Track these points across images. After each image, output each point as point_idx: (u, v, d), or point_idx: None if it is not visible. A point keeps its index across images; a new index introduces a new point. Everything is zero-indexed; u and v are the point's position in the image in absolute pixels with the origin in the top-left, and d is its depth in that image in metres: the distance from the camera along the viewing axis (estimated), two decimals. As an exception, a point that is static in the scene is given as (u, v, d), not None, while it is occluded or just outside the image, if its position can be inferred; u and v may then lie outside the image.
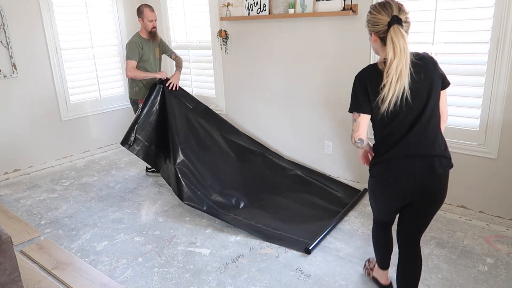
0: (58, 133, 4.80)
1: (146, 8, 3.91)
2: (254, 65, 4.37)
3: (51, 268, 2.80)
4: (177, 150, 3.69)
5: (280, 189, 3.83)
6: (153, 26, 3.96)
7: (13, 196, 4.02)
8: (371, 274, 2.58)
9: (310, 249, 2.89)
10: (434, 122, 1.94)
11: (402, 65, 1.76)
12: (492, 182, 3.11)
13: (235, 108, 4.72)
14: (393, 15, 1.79)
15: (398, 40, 1.75)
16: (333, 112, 3.86)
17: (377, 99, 1.86)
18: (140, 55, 3.96)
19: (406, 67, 1.77)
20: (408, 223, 2.12)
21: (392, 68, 1.77)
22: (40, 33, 4.46)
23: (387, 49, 1.79)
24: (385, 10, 1.82)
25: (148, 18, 3.91)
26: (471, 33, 3.00)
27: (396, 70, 1.76)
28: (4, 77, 4.25)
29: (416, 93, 1.85)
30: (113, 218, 3.52)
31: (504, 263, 2.70)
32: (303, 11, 3.69)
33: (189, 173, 3.61)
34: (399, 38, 1.75)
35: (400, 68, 1.76)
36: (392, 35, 1.76)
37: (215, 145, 4.04)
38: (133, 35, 4.06)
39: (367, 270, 2.63)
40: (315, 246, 2.95)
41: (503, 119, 2.94)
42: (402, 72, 1.76)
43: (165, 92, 3.96)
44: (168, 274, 2.72)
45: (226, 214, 3.40)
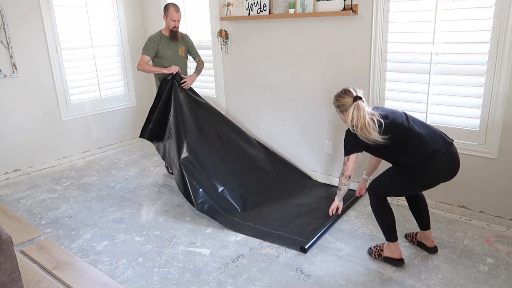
0: (58, 133, 4.80)
1: (172, 7, 3.96)
2: (254, 65, 4.37)
3: (51, 268, 2.81)
4: (182, 145, 3.72)
5: (282, 191, 3.84)
6: (174, 26, 4.01)
7: (14, 196, 4.03)
8: (382, 255, 2.74)
9: (306, 248, 2.90)
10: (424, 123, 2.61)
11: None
12: (493, 182, 3.10)
13: (235, 108, 4.72)
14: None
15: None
16: (333, 112, 3.86)
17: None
18: (155, 51, 4.03)
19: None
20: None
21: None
22: (40, 33, 4.46)
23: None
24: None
25: (172, 17, 3.96)
26: (472, 33, 2.99)
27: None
28: (4, 77, 4.25)
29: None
30: (113, 218, 3.52)
31: (504, 263, 2.70)
32: (304, 11, 3.69)
33: (193, 169, 3.62)
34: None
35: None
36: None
37: (222, 145, 4.05)
38: (157, 32, 4.12)
39: (376, 254, 2.78)
40: (311, 245, 2.96)
41: (503, 119, 2.94)
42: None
43: (175, 86, 4.03)
44: (169, 274, 2.72)
45: (226, 216, 3.41)
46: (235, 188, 3.69)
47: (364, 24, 3.45)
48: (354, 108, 2.48)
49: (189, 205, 3.65)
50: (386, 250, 2.72)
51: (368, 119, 2.44)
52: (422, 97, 3.27)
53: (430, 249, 2.82)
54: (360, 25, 3.47)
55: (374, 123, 2.45)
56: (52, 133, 4.75)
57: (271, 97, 4.32)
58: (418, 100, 3.30)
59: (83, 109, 4.98)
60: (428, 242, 2.82)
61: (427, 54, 3.17)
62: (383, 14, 3.30)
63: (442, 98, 3.21)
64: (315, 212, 3.43)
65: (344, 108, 2.57)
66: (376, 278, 2.60)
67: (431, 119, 3.27)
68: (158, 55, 4.08)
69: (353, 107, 2.49)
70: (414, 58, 3.27)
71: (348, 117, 2.51)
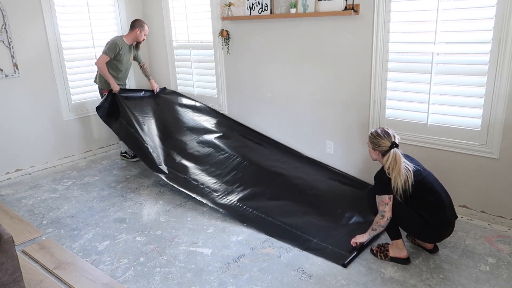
0: (59, 133, 4.81)
1: (145, 24, 4.55)
2: (255, 65, 4.37)
3: (52, 267, 2.81)
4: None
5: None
6: (144, 39, 4.63)
7: (15, 196, 4.03)
8: (388, 255, 2.74)
9: (346, 263, 2.74)
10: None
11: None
12: (494, 182, 3.10)
13: (236, 108, 4.72)
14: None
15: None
16: (334, 112, 3.86)
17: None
18: (115, 55, 4.44)
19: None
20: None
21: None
22: (42, 33, 4.47)
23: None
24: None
25: (146, 33, 4.58)
26: (473, 33, 2.99)
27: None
28: (5, 76, 4.26)
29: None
30: (115, 218, 3.52)
31: (505, 263, 2.70)
32: (305, 11, 3.68)
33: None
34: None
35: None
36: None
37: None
38: (117, 37, 4.50)
39: (382, 255, 2.77)
40: (352, 260, 2.79)
41: (505, 119, 2.94)
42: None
43: (117, 98, 4.50)
44: (170, 274, 2.72)
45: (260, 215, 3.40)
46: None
47: (365, 23, 3.44)
48: (393, 156, 2.56)
49: (190, 205, 3.66)
50: (392, 250, 2.73)
51: (403, 171, 2.54)
52: (424, 97, 3.26)
53: (430, 250, 2.84)
54: (361, 24, 3.47)
55: (408, 173, 2.55)
56: (54, 133, 4.76)
57: (272, 96, 4.32)
58: (419, 100, 3.30)
59: (84, 109, 4.98)
60: (427, 245, 2.84)
61: (428, 54, 3.17)
62: (385, 14, 3.30)
63: (444, 98, 3.20)
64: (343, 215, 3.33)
65: (379, 149, 2.67)
66: (378, 278, 2.60)
67: (432, 119, 3.27)
68: (116, 59, 4.47)
69: (391, 155, 2.57)
70: (415, 58, 3.26)
71: (386, 163, 2.60)
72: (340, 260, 2.76)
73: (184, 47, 5.06)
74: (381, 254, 2.77)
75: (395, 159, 2.56)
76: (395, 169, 2.55)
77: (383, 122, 3.54)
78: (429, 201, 2.59)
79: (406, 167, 2.57)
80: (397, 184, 2.54)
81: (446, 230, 2.64)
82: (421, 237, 2.71)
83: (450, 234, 2.70)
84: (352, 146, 3.82)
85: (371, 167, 3.73)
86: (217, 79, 4.79)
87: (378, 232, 2.74)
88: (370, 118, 3.60)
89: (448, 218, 2.61)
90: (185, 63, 5.13)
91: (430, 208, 2.59)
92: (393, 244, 2.73)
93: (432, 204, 2.59)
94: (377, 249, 2.81)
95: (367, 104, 3.61)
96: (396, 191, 2.56)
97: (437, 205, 2.59)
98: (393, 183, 2.55)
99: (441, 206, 2.59)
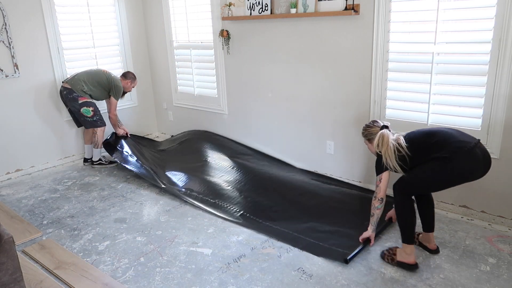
0: (60, 133, 4.81)
1: (135, 78, 4.83)
2: (256, 65, 4.37)
3: (53, 268, 2.81)
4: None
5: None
6: (130, 91, 4.90)
7: (15, 196, 4.03)
8: (395, 259, 2.69)
9: (348, 259, 2.74)
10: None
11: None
12: (494, 182, 3.10)
13: (236, 108, 4.72)
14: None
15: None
16: (335, 112, 3.86)
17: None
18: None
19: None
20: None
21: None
22: (42, 33, 4.47)
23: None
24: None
25: (134, 86, 4.87)
26: (473, 33, 2.99)
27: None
28: (6, 77, 4.26)
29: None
30: (115, 218, 3.52)
31: (506, 263, 2.70)
32: (305, 11, 3.68)
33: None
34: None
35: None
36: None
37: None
38: (119, 81, 4.65)
39: (389, 258, 2.74)
40: (354, 256, 2.80)
41: (505, 118, 2.94)
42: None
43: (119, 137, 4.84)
44: (170, 274, 2.72)
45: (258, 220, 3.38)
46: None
47: (365, 23, 3.44)
48: (380, 135, 2.64)
49: (190, 205, 3.66)
50: (400, 255, 2.67)
51: (391, 145, 2.58)
52: (424, 97, 3.26)
53: (432, 251, 2.83)
54: (361, 24, 3.47)
55: (399, 146, 2.57)
56: (54, 133, 4.76)
57: (272, 96, 4.32)
58: (419, 100, 3.30)
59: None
60: (431, 245, 2.83)
61: (428, 54, 3.17)
62: (385, 14, 3.30)
63: (444, 98, 3.20)
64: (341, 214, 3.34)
65: (372, 137, 2.74)
66: (378, 278, 2.60)
67: (432, 119, 3.27)
68: (107, 94, 4.68)
69: (379, 134, 2.65)
70: (415, 58, 3.26)
71: (374, 144, 2.67)
72: (342, 257, 2.76)
73: (185, 47, 5.06)
74: (388, 258, 2.74)
75: (381, 136, 2.63)
76: (383, 146, 2.60)
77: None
78: (434, 142, 2.50)
79: (396, 138, 2.62)
80: (389, 157, 2.57)
81: (472, 156, 2.41)
82: (448, 181, 2.54)
83: (486, 164, 2.47)
84: (353, 146, 3.82)
85: (371, 167, 3.74)
86: (217, 79, 4.79)
87: (376, 216, 2.78)
88: (371, 118, 3.60)
89: (466, 141, 2.43)
90: (185, 63, 5.13)
91: (439, 146, 2.47)
92: (402, 248, 2.67)
93: (437, 142, 2.49)
94: (386, 252, 2.78)
95: (367, 104, 3.61)
96: (392, 165, 2.57)
97: (443, 138, 2.49)
98: (384, 159, 2.59)
99: (448, 136, 2.49)
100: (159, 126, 5.88)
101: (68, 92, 4.40)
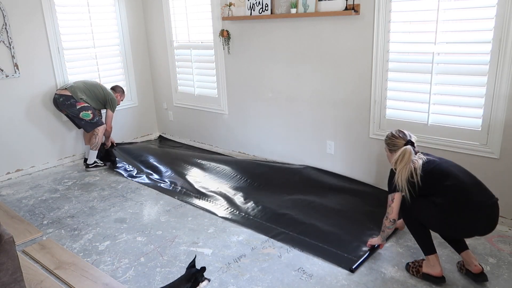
0: (60, 133, 4.81)
1: (124, 92, 4.96)
2: (256, 64, 4.37)
3: (53, 268, 2.81)
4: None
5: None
6: (118, 104, 4.90)
7: (16, 196, 4.03)
8: (421, 271, 2.56)
9: (354, 268, 2.68)
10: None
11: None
12: (495, 182, 3.09)
13: (237, 108, 4.72)
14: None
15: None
16: (335, 112, 3.86)
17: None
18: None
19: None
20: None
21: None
22: (42, 33, 4.47)
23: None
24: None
25: (123, 98, 4.97)
26: (474, 33, 2.99)
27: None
28: (6, 77, 4.26)
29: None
30: (115, 218, 3.52)
31: (506, 263, 2.70)
32: (305, 11, 3.68)
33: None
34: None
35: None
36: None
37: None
38: (112, 93, 4.74)
39: (414, 269, 2.60)
40: (359, 265, 2.73)
41: (506, 118, 2.94)
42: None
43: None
44: (171, 274, 2.72)
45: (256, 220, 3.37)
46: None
47: (366, 23, 3.44)
48: (402, 152, 2.47)
49: (190, 205, 3.66)
50: (426, 266, 2.54)
51: (408, 168, 2.43)
52: (424, 97, 3.26)
53: (476, 276, 2.49)
54: (362, 24, 3.47)
55: (414, 172, 2.42)
56: (54, 133, 4.76)
57: (273, 96, 4.32)
58: (420, 100, 3.30)
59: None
60: (472, 267, 2.50)
61: (429, 54, 3.17)
62: (385, 14, 3.30)
63: (444, 98, 3.20)
64: (345, 216, 3.32)
65: (394, 149, 2.59)
66: (378, 278, 2.60)
67: (433, 119, 3.27)
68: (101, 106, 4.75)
69: (401, 150, 2.48)
70: (416, 58, 3.26)
71: (393, 158, 2.53)
72: (348, 265, 2.71)
73: (185, 47, 5.06)
74: (413, 270, 2.60)
75: (403, 154, 2.46)
76: (401, 163, 2.45)
77: (383, 122, 3.54)
78: (446, 185, 2.36)
79: (416, 160, 2.45)
80: (400, 177, 2.43)
81: (476, 215, 2.31)
82: (446, 230, 2.44)
83: (490, 224, 2.35)
84: (353, 146, 3.82)
85: (371, 167, 3.74)
86: (217, 79, 4.79)
87: (387, 234, 2.67)
88: (371, 117, 3.60)
89: (475, 199, 2.31)
90: (185, 63, 5.13)
91: (448, 192, 2.35)
92: (426, 259, 2.55)
93: (449, 187, 2.35)
94: (411, 264, 2.65)
95: (367, 104, 3.61)
96: (400, 185, 2.44)
97: (455, 187, 2.34)
98: (396, 177, 2.46)
99: (460, 187, 2.34)
100: (159, 126, 5.88)
101: (65, 98, 4.37)
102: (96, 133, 4.56)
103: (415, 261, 2.65)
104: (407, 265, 2.68)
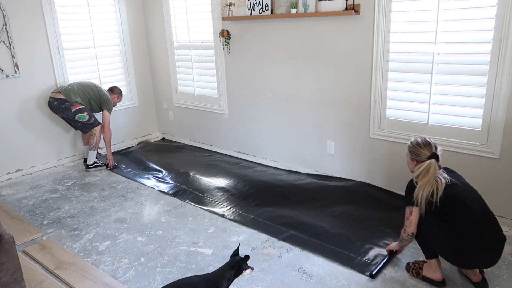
0: (60, 133, 4.81)
1: (121, 94, 4.91)
2: (256, 65, 4.37)
3: (53, 268, 2.81)
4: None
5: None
6: (115, 105, 4.88)
7: (16, 196, 4.03)
8: (421, 273, 2.55)
9: (374, 274, 2.62)
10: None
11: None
12: (495, 182, 3.10)
13: (237, 108, 4.72)
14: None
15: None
16: (335, 112, 3.86)
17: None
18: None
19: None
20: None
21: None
22: (42, 33, 4.47)
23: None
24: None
25: (120, 100, 4.92)
26: (474, 33, 2.99)
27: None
28: (6, 77, 4.26)
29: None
30: (116, 218, 3.52)
31: (506, 263, 2.70)
32: (305, 11, 3.68)
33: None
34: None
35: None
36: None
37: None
38: (108, 94, 4.69)
39: (414, 271, 2.59)
40: (379, 270, 2.67)
41: (506, 118, 2.94)
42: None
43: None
44: (171, 274, 2.72)
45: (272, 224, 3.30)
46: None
47: (366, 23, 3.44)
48: (427, 166, 2.37)
49: (191, 205, 3.66)
50: (426, 270, 2.54)
51: (430, 185, 2.34)
52: (424, 97, 3.26)
53: (476, 284, 2.49)
54: (362, 24, 3.47)
55: (435, 192, 2.32)
56: (54, 133, 4.76)
57: (273, 96, 4.32)
58: (420, 100, 3.30)
59: (85, 109, 4.98)
60: (472, 276, 2.50)
61: (429, 54, 3.17)
62: (385, 14, 3.30)
63: (444, 98, 3.20)
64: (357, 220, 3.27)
65: (417, 159, 2.46)
66: (378, 278, 2.60)
67: (433, 119, 3.27)
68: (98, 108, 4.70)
69: (426, 164, 2.38)
70: (416, 58, 3.26)
71: (417, 171, 2.42)
72: (367, 270, 2.66)
73: (185, 47, 5.06)
74: (413, 271, 2.60)
75: (428, 169, 2.36)
76: (423, 179, 2.35)
77: (383, 122, 3.54)
78: (460, 217, 2.32)
79: (439, 178, 2.35)
80: (421, 194, 2.34)
81: (479, 253, 2.31)
82: (447, 256, 2.42)
83: (491, 262, 2.35)
84: (353, 146, 3.82)
85: (371, 167, 3.74)
86: (217, 79, 4.79)
87: (404, 245, 2.61)
88: (371, 118, 3.60)
89: (484, 239, 2.30)
90: (185, 63, 5.13)
91: (459, 224, 2.32)
92: (428, 262, 2.54)
93: (461, 220, 2.32)
94: (412, 264, 2.64)
95: (367, 104, 3.61)
96: (419, 201, 2.36)
97: (467, 222, 2.30)
98: (416, 192, 2.36)
99: (472, 224, 2.30)
100: (159, 126, 5.88)
101: (60, 102, 4.34)
102: (93, 133, 4.55)
103: (416, 262, 2.64)
104: (407, 265, 2.67)
